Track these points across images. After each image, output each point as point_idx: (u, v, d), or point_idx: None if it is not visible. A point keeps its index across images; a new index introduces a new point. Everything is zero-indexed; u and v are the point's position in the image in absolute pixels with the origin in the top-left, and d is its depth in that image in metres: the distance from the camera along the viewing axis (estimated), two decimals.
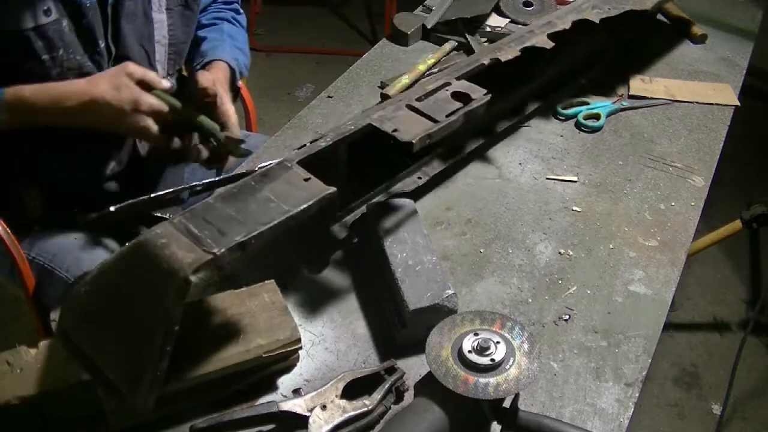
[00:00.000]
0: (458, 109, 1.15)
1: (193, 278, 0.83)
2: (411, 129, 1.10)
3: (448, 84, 1.22)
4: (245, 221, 0.91)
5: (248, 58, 1.53)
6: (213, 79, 1.27)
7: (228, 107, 1.27)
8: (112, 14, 1.24)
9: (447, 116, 1.13)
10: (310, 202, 0.96)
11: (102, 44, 1.24)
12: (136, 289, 0.87)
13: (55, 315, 0.94)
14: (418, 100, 1.18)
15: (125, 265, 0.89)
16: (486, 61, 1.34)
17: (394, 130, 1.11)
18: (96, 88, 1.13)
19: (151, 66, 1.35)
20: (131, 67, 1.16)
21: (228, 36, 1.51)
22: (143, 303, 0.86)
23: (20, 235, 1.39)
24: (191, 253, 0.85)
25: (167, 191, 0.98)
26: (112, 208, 0.93)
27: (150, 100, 1.13)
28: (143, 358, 0.84)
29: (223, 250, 0.86)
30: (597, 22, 1.49)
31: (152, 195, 0.95)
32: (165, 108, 1.13)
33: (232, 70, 1.44)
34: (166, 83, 1.18)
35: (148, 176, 1.45)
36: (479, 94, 1.19)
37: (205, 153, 1.22)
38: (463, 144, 1.41)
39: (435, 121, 1.13)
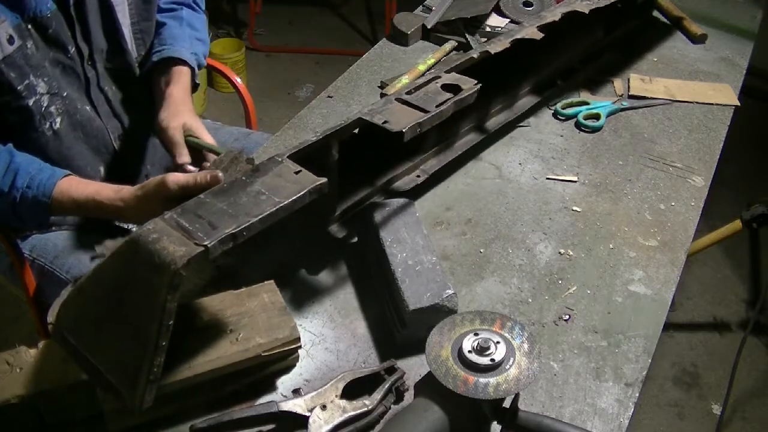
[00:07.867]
0: (448, 99, 1.15)
1: (185, 272, 0.83)
2: (401, 120, 1.10)
3: (437, 77, 1.22)
4: (236, 214, 0.91)
5: (207, 47, 1.52)
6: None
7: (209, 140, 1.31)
8: (77, 14, 1.22)
9: (437, 106, 1.13)
10: (301, 193, 0.96)
11: (72, 49, 1.22)
12: (130, 286, 0.87)
13: (51, 317, 0.94)
14: (408, 93, 1.18)
15: (119, 263, 0.89)
16: (476, 55, 1.34)
17: (384, 122, 1.10)
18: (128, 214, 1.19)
19: (125, 51, 1.33)
20: (168, 186, 1.11)
21: (187, 25, 1.48)
22: (137, 299, 0.86)
23: (21, 236, 1.39)
24: (183, 246, 0.85)
25: None
26: None
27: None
28: (139, 354, 0.84)
29: (214, 242, 0.86)
30: (587, 12, 1.49)
31: None
32: None
33: (192, 70, 1.43)
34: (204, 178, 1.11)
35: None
36: (469, 85, 1.18)
37: None
38: (460, 141, 1.40)
39: (425, 111, 1.12)
